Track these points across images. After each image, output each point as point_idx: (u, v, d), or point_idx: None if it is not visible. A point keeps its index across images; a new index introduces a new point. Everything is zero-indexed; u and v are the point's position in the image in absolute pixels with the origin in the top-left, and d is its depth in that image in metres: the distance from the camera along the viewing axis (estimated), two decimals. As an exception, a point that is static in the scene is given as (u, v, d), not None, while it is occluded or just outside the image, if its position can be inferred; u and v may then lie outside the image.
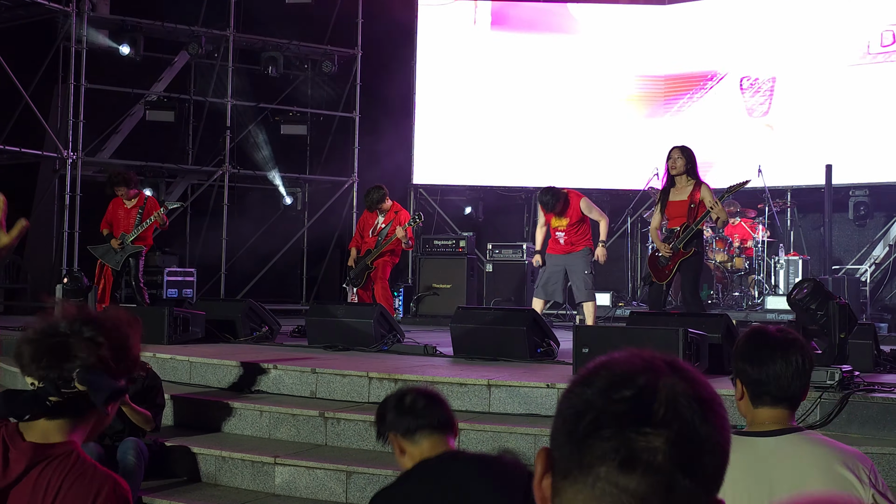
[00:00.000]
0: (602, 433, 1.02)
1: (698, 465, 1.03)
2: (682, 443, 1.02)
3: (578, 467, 1.03)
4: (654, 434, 1.01)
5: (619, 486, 1.01)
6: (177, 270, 13.84)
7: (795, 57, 13.35)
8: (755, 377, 2.53)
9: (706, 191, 8.20)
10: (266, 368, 7.08)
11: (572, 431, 1.05)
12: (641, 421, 1.02)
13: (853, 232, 13.36)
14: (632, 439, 1.01)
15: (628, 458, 1.01)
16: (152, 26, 14.30)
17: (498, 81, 14.63)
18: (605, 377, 1.06)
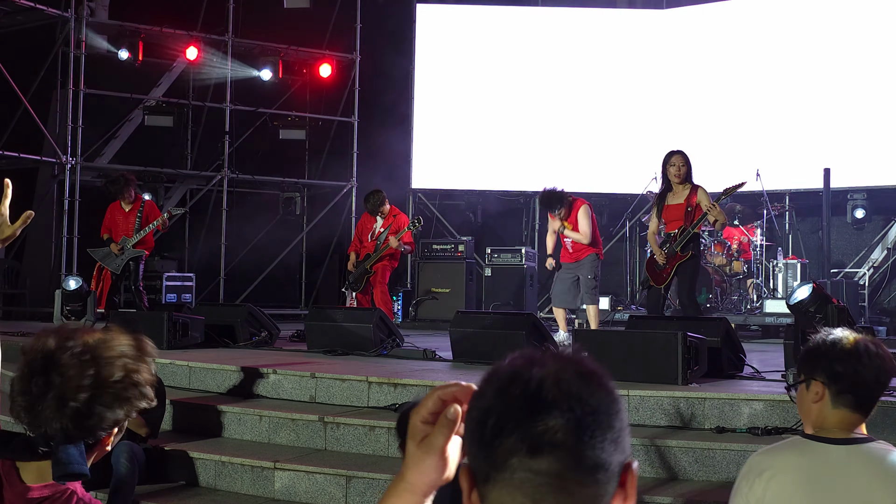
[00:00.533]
0: (506, 431, 1.13)
1: (597, 431, 1.13)
2: (576, 415, 1.12)
3: (495, 467, 1.14)
4: (549, 416, 1.12)
5: (534, 469, 1.11)
6: (176, 275, 13.84)
7: (794, 60, 13.36)
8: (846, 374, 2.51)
9: (703, 194, 8.25)
10: (265, 373, 7.08)
11: (480, 438, 1.15)
12: (536, 409, 1.12)
13: (851, 235, 13.38)
14: (532, 427, 1.12)
15: (534, 444, 1.11)
16: (151, 31, 14.31)
17: (496, 86, 14.64)
18: (494, 384, 1.17)
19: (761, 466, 2.50)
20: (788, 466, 2.47)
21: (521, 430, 1.11)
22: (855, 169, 12.55)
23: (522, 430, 1.11)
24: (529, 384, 1.14)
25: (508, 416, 1.13)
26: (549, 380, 1.14)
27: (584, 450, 1.12)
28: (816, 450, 2.48)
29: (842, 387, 2.53)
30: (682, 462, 5.26)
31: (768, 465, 2.49)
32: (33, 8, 13.21)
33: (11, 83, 12.87)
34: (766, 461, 2.51)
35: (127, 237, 10.30)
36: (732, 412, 5.66)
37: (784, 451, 2.53)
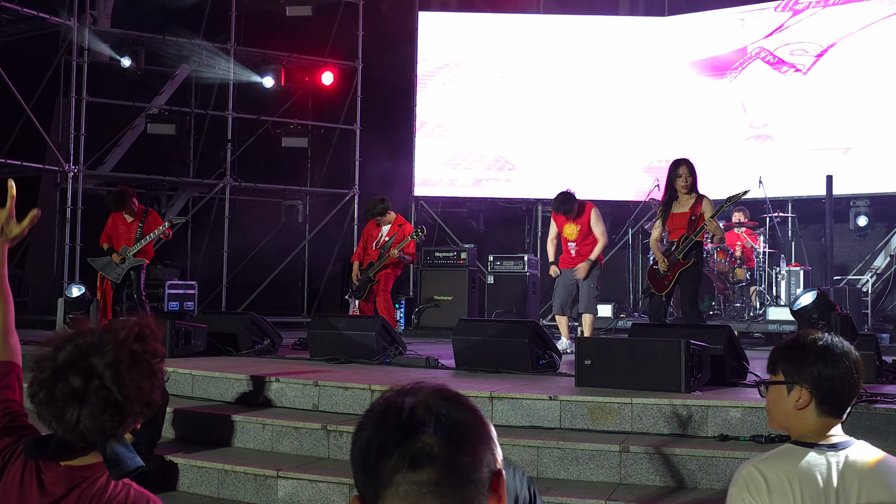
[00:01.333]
0: (388, 452, 1.29)
1: (466, 442, 1.31)
2: (447, 431, 1.30)
3: (382, 485, 1.29)
4: (426, 434, 1.29)
5: (416, 481, 1.28)
6: (178, 283, 13.84)
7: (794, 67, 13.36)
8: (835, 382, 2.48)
9: (707, 204, 8.26)
10: (268, 381, 7.07)
11: (366, 464, 1.31)
12: (412, 430, 1.29)
13: (854, 242, 13.36)
14: (411, 445, 1.28)
15: (414, 459, 1.28)
16: (153, 40, 14.34)
17: (498, 93, 14.66)
18: (373, 418, 1.35)
19: (758, 477, 2.46)
20: (788, 476, 2.44)
21: (402, 449, 1.28)
22: (858, 176, 12.55)
23: (403, 448, 1.28)
24: (402, 411, 1.32)
25: (388, 440, 1.30)
26: (420, 405, 1.32)
27: (457, 459, 1.29)
28: (813, 457, 2.46)
29: (828, 395, 2.51)
30: (686, 470, 5.25)
31: (767, 475, 2.45)
32: (36, 16, 13.23)
33: (14, 91, 12.89)
34: (764, 471, 2.47)
35: (128, 246, 10.30)
36: (735, 420, 5.64)
37: (780, 460, 2.49)
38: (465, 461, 1.30)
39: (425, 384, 1.38)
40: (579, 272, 9.38)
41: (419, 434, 1.29)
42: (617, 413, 5.86)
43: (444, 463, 1.28)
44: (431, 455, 1.28)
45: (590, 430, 5.82)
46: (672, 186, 8.39)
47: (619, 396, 5.93)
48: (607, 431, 5.81)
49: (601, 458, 5.42)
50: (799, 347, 2.58)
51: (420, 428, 1.29)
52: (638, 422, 5.79)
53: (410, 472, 1.27)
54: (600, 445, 5.45)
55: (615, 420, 5.86)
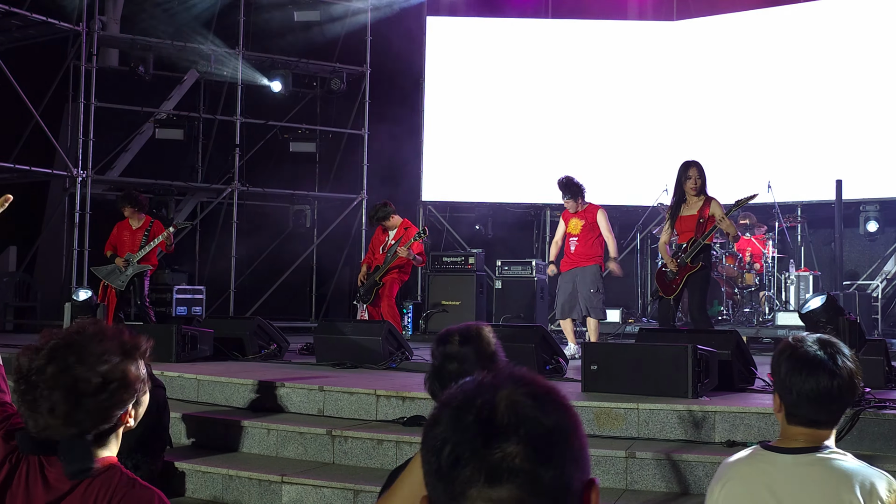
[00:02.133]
0: (462, 461, 1.11)
1: (555, 453, 1.12)
2: (532, 440, 1.11)
3: (454, 498, 1.12)
4: (506, 443, 1.10)
5: (493, 498, 1.10)
6: (186, 288, 13.85)
7: (805, 71, 13.31)
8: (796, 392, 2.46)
9: (716, 206, 8.23)
10: (274, 386, 7.05)
11: (438, 469, 1.14)
12: (492, 435, 1.11)
13: (864, 247, 13.29)
14: (488, 456, 1.10)
15: (491, 473, 1.10)
16: (162, 45, 14.36)
17: (507, 98, 14.64)
18: (449, 413, 1.16)
19: (721, 474, 2.55)
20: (738, 475, 2.50)
21: (478, 460, 1.10)
22: (867, 180, 12.49)
23: (479, 458, 1.10)
24: (482, 410, 1.13)
25: (464, 445, 1.12)
26: (503, 404, 1.13)
27: (542, 474, 1.10)
28: (766, 459, 2.47)
29: (791, 403, 2.48)
30: (692, 476, 5.21)
31: (725, 473, 2.54)
32: (45, 22, 13.26)
33: (23, 97, 12.93)
34: (725, 469, 2.55)
35: (132, 253, 10.32)
36: (743, 426, 5.61)
37: (739, 460, 2.55)
38: (553, 475, 1.11)
39: (514, 373, 1.19)
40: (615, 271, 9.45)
41: (500, 441, 1.10)
42: (623, 418, 5.83)
43: (526, 478, 1.09)
44: (513, 469, 1.09)
45: (596, 436, 5.78)
46: (681, 188, 8.37)
47: (625, 402, 5.89)
48: (613, 437, 5.78)
49: (607, 464, 5.38)
50: (779, 352, 2.56)
51: (501, 434, 1.10)
52: (644, 427, 5.76)
53: (487, 487, 1.09)
54: (606, 451, 5.42)
55: (621, 425, 5.82)
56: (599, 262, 9.40)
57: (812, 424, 2.47)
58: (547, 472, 1.10)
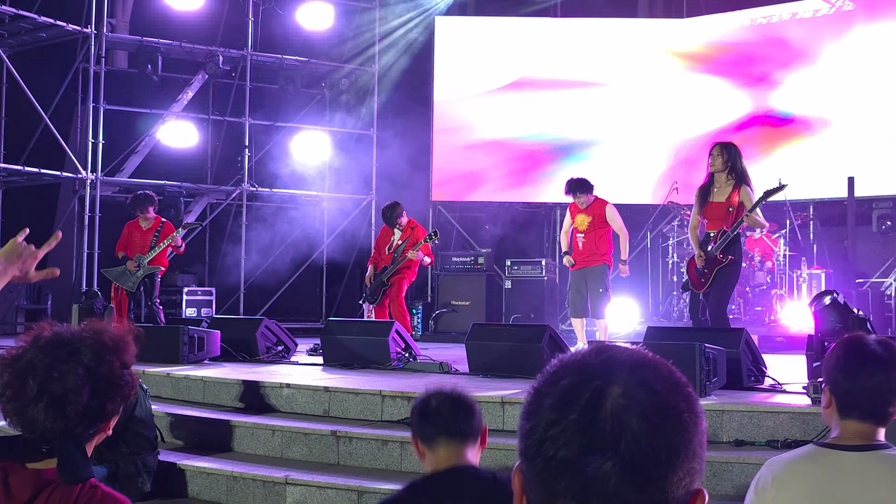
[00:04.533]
0: (554, 468, 1.01)
1: (655, 477, 1.00)
2: (631, 461, 0.99)
3: (540, 498, 1.03)
4: (604, 459, 0.99)
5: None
6: (196, 289, 13.86)
7: (816, 68, 13.21)
8: (847, 389, 2.45)
9: (745, 194, 7.62)
10: (279, 387, 7.03)
11: (532, 460, 1.04)
12: (589, 446, 1.00)
13: (877, 245, 13.16)
14: (582, 471, 0.99)
15: (581, 491, 1.00)
16: (171, 47, 14.37)
17: (516, 97, 14.58)
18: (553, 396, 1.04)
19: (773, 474, 2.46)
20: (799, 475, 2.43)
21: (570, 472, 1.00)
22: (880, 177, 12.37)
23: (571, 470, 1.00)
24: (588, 409, 1.01)
25: (559, 446, 1.01)
26: (610, 405, 1.00)
27: (639, 498, 0.99)
28: (829, 458, 2.42)
29: (845, 397, 2.47)
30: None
31: (780, 473, 2.45)
32: (54, 24, 13.28)
33: (33, 100, 12.95)
34: (777, 469, 2.47)
35: (142, 254, 10.32)
36: (752, 425, 5.54)
37: (796, 459, 2.49)
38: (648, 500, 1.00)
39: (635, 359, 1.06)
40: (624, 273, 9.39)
41: (597, 456, 0.98)
42: (630, 418, 5.76)
43: (618, 499, 0.99)
44: (604, 492, 0.98)
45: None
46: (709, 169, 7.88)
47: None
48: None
49: (613, 464, 5.31)
50: (838, 348, 2.55)
51: (601, 446, 0.99)
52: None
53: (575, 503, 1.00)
54: (612, 451, 5.35)
55: (628, 425, 5.75)
56: (607, 260, 9.22)
57: (868, 419, 2.45)
58: (642, 496, 0.99)
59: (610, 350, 1.07)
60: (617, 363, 1.05)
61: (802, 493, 2.38)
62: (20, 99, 13.11)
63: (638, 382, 1.03)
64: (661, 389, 1.03)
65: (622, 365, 1.05)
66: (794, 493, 2.39)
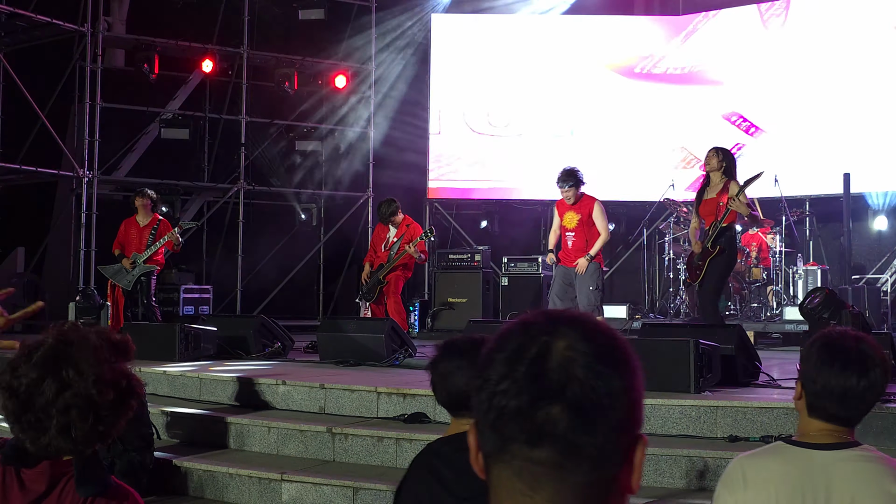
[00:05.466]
0: (506, 415, 1.08)
1: (601, 421, 1.07)
2: (579, 406, 1.06)
3: (496, 448, 1.10)
4: (552, 404, 1.06)
5: (532, 458, 1.07)
6: (193, 287, 13.86)
7: (811, 64, 13.21)
8: (816, 390, 2.39)
9: (733, 186, 8.06)
10: (275, 384, 7.05)
11: (486, 413, 1.10)
12: (538, 395, 1.07)
13: (873, 241, 13.18)
14: (532, 415, 1.07)
15: (532, 434, 1.07)
16: (167, 45, 14.37)
17: (512, 94, 14.58)
18: (503, 355, 1.11)
19: (742, 473, 2.41)
20: (768, 473, 2.38)
21: (521, 418, 1.07)
22: (875, 174, 12.38)
23: (522, 417, 1.07)
24: (534, 363, 1.08)
25: (510, 397, 1.07)
26: (556, 358, 1.08)
27: (584, 441, 1.06)
28: (798, 455, 2.37)
29: (815, 395, 2.41)
30: (694, 472, 5.16)
31: (750, 471, 2.40)
32: (50, 23, 13.26)
33: (29, 98, 12.94)
34: (747, 467, 2.42)
35: (138, 253, 10.33)
36: (746, 420, 5.56)
37: (765, 456, 2.44)
38: (596, 442, 1.07)
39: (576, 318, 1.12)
40: (579, 267, 9.03)
41: (546, 401, 1.06)
42: (625, 414, 5.78)
43: (567, 443, 1.06)
44: (555, 433, 1.06)
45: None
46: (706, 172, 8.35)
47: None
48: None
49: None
50: (813, 341, 2.48)
51: (549, 394, 1.06)
52: (646, 423, 5.70)
53: (527, 447, 1.07)
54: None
55: (623, 421, 5.77)
56: (597, 258, 9.16)
57: (833, 420, 2.40)
58: (590, 439, 1.06)
59: (554, 312, 1.15)
60: (562, 321, 1.12)
61: (771, 491, 2.34)
62: (17, 97, 13.11)
63: (581, 337, 1.10)
64: (603, 342, 1.11)
65: (567, 322, 1.12)
66: (762, 491, 2.35)
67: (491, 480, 1.12)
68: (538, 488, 1.08)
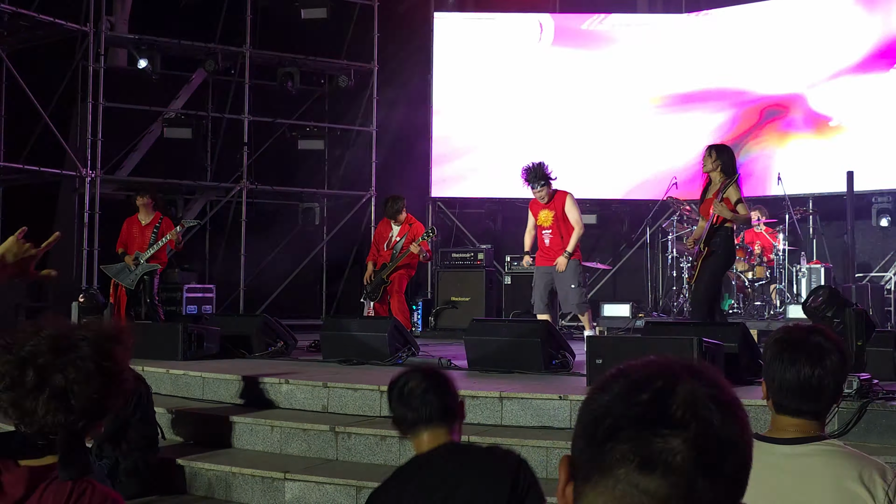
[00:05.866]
0: (620, 436, 1.04)
1: (719, 467, 1.04)
2: (701, 444, 1.03)
3: (599, 471, 1.05)
4: (672, 435, 1.02)
5: (640, 487, 1.02)
6: (196, 287, 13.85)
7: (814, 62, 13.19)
8: (778, 381, 2.39)
9: (730, 189, 7.90)
10: (278, 383, 7.05)
11: (592, 436, 1.06)
12: (659, 422, 1.03)
13: (877, 239, 13.16)
14: (650, 441, 1.02)
15: (647, 460, 1.02)
16: (169, 44, 14.37)
17: (515, 93, 14.56)
18: (622, 383, 1.08)
19: None
20: None
21: (637, 441, 1.03)
22: (879, 171, 12.36)
23: (639, 440, 1.03)
24: (660, 394, 1.05)
25: (627, 421, 1.04)
26: (682, 395, 1.05)
27: (699, 481, 1.02)
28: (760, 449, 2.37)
29: (775, 391, 2.42)
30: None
31: None
32: (53, 23, 13.26)
33: (32, 98, 12.95)
34: None
35: (140, 252, 10.33)
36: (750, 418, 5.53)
37: None
38: (708, 487, 1.02)
39: (703, 372, 1.10)
40: (558, 265, 8.99)
41: (667, 431, 1.02)
42: (628, 412, 5.77)
43: (681, 479, 1.01)
44: (670, 464, 1.01)
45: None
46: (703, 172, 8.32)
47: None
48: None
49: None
50: (769, 338, 2.51)
51: (671, 424, 1.02)
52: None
53: (637, 472, 1.02)
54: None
55: (626, 420, 5.76)
56: (576, 255, 9.09)
57: (798, 414, 2.40)
58: (704, 480, 1.02)
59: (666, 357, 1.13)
60: (686, 367, 1.10)
61: None
62: (20, 97, 13.11)
63: (706, 385, 1.08)
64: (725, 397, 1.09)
65: (691, 368, 1.10)
66: None
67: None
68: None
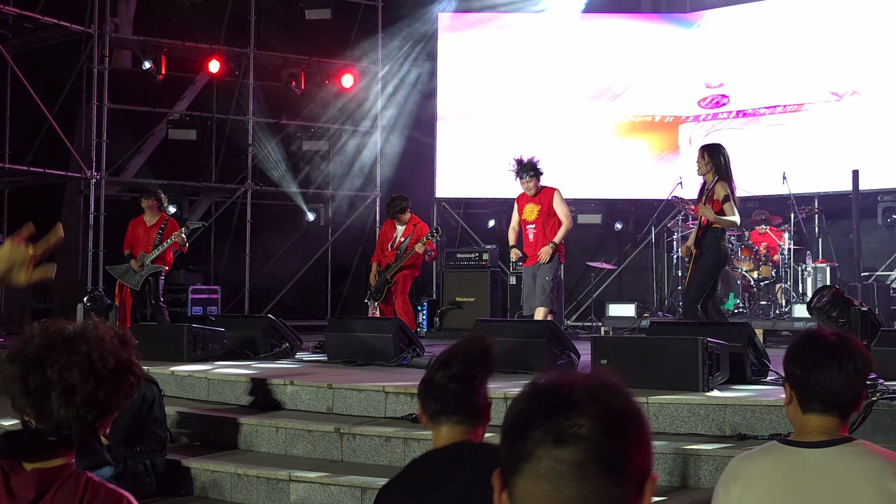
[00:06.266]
0: (535, 424, 1.22)
1: (620, 431, 1.23)
2: (602, 415, 1.22)
3: (523, 460, 1.22)
4: (578, 416, 1.21)
5: (557, 458, 1.20)
6: (201, 288, 13.87)
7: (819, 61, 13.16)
8: (804, 381, 2.44)
9: (718, 189, 7.90)
10: (283, 384, 7.04)
11: (512, 436, 1.25)
12: (564, 408, 1.22)
13: (883, 238, 13.12)
14: (559, 423, 1.21)
15: (559, 436, 1.20)
16: (174, 46, 14.39)
17: (519, 93, 14.55)
18: (531, 392, 1.29)
19: (736, 472, 2.44)
20: (763, 472, 2.39)
21: (549, 424, 1.21)
22: (885, 170, 12.33)
23: (550, 423, 1.21)
24: (561, 390, 1.25)
25: (538, 413, 1.23)
26: (581, 387, 1.25)
27: (606, 445, 1.20)
28: (791, 455, 2.39)
29: (804, 392, 2.45)
30: (703, 470, 5.14)
31: (743, 471, 2.43)
32: (57, 25, 13.30)
33: (37, 100, 12.97)
34: (741, 467, 2.45)
35: (146, 253, 10.34)
36: (755, 419, 5.53)
37: (759, 456, 2.46)
38: (615, 450, 1.21)
39: (596, 375, 1.30)
40: (541, 254, 8.98)
41: (572, 413, 1.21)
42: (633, 413, 5.76)
43: (591, 445, 1.19)
44: (579, 434, 1.20)
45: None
46: None
47: (635, 395, 5.82)
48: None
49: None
50: (794, 342, 2.54)
51: (575, 408, 1.22)
52: (654, 421, 5.69)
53: (554, 447, 1.20)
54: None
55: (631, 420, 5.75)
56: (558, 251, 9.08)
57: (828, 411, 2.43)
58: (610, 444, 1.20)
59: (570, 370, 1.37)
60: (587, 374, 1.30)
61: (763, 492, 2.36)
62: (25, 99, 13.14)
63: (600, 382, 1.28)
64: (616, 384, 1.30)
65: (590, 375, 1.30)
66: (756, 491, 2.37)
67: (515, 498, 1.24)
68: (561, 487, 1.20)
